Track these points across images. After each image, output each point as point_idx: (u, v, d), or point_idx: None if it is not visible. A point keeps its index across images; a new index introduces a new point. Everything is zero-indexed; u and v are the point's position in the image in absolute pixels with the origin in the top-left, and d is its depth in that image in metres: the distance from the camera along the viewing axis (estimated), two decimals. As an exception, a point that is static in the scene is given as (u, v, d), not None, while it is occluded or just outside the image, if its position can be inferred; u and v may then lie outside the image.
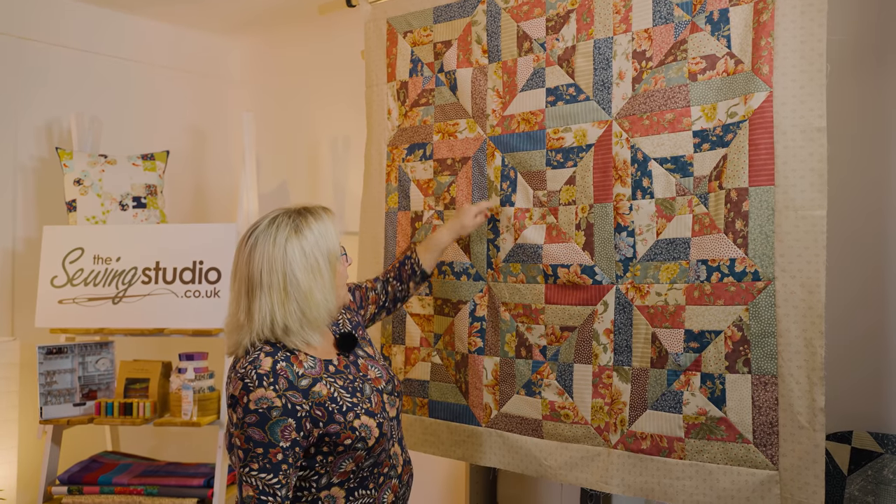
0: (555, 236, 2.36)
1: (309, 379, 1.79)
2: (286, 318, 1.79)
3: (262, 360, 1.76)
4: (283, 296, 1.79)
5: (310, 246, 1.82)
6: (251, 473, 1.69)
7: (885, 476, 2.27)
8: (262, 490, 1.69)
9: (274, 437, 1.69)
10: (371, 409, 1.86)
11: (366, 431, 1.80)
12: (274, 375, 1.74)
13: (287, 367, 1.77)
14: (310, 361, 1.83)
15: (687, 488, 2.13)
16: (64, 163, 3.42)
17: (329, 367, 1.87)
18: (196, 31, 4.30)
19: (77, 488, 3.05)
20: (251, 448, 1.70)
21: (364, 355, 2.02)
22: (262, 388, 1.71)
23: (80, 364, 3.21)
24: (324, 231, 1.86)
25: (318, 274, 1.83)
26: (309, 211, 1.89)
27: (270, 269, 1.79)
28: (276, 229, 1.82)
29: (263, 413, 1.69)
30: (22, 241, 3.64)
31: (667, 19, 2.18)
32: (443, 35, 2.62)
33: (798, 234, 1.96)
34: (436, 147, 2.62)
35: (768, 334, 2.01)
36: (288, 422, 1.70)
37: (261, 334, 1.80)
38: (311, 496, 1.80)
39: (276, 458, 1.69)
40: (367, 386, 1.92)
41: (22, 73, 3.65)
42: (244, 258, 1.83)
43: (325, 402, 1.78)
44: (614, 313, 2.26)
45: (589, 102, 2.30)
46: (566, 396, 2.34)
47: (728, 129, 2.06)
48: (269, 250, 1.80)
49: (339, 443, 1.77)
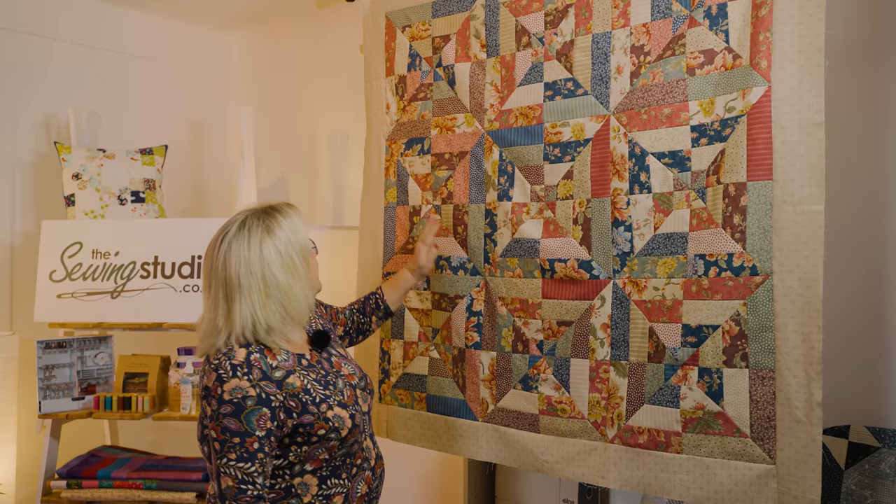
0: (552, 231, 2.36)
1: (283, 371, 1.84)
2: (268, 318, 1.84)
3: (236, 352, 1.80)
4: (263, 297, 1.83)
5: (283, 245, 1.87)
6: (229, 464, 1.73)
7: (881, 470, 2.27)
8: (241, 479, 1.72)
9: (250, 427, 1.73)
10: (344, 401, 1.91)
11: (339, 422, 1.85)
12: (248, 366, 1.78)
13: (261, 358, 1.81)
14: (283, 355, 1.88)
15: (684, 482, 2.13)
16: (62, 157, 3.42)
17: (302, 360, 1.92)
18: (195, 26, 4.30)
19: (76, 482, 3.05)
20: (228, 438, 1.73)
21: (337, 354, 2.07)
22: (236, 378, 1.76)
23: (78, 358, 3.21)
24: (294, 227, 1.92)
25: (295, 270, 1.88)
26: (276, 210, 1.94)
27: (248, 271, 1.83)
28: (249, 232, 1.86)
29: (238, 403, 1.74)
30: (20, 235, 3.64)
31: (665, 14, 2.17)
32: (441, 29, 2.62)
33: (796, 229, 1.96)
34: (434, 141, 2.62)
35: (766, 329, 2.01)
36: (263, 411, 1.75)
37: (241, 338, 1.84)
38: (284, 483, 1.84)
39: (252, 447, 1.73)
40: (340, 380, 1.97)
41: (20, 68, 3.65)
42: (219, 263, 1.86)
43: (299, 394, 1.82)
44: (611, 308, 2.26)
45: (587, 97, 2.30)
46: (563, 391, 2.34)
47: (726, 124, 2.06)
48: (244, 254, 1.84)
49: (313, 433, 1.82)
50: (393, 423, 2.73)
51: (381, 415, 2.77)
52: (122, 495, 3.02)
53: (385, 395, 2.75)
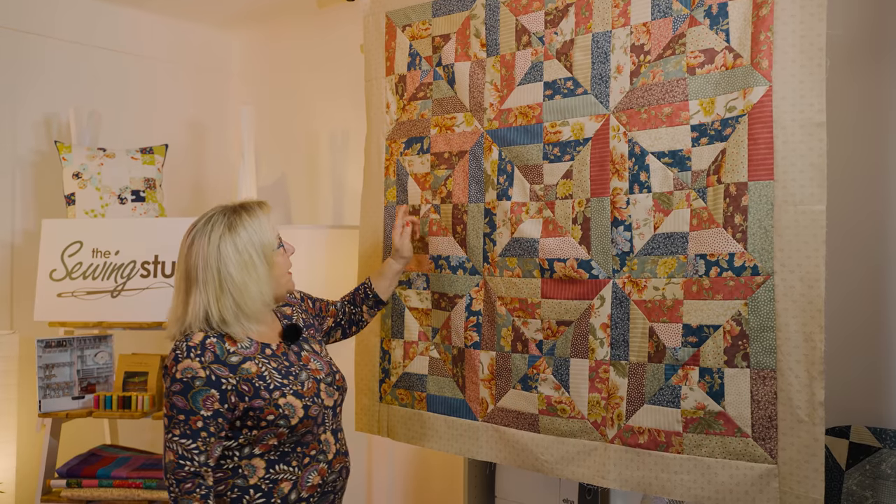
0: (551, 230, 2.35)
1: (240, 357, 1.92)
2: (222, 312, 1.91)
3: (194, 335, 1.90)
4: (217, 291, 1.91)
5: (243, 242, 1.94)
6: (173, 439, 1.83)
7: (882, 471, 2.27)
8: (181, 455, 1.82)
9: (195, 406, 1.82)
10: (301, 391, 1.97)
11: (289, 410, 1.91)
12: (202, 348, 1.87)
13: (217, 343, 1.90)
14: (245, 342, 1.96)
15: (685, 482, 2.13)
16: (63, 156, 3.42)
17: (265, 349, 1.99)
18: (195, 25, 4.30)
19: (76, 481, 3.05)
20: (174, 415, 1.84)
21: (310, 350, 2.13)
22: (188, 359, 1.85)
23: (78, 357, 3.21)
24: (257, 227, 1.98)
25: (252, 268, 1.95)
26: (244, 208, 2.01)
27: (205, 266, 1.91)
28: (211, 228, 1.95)
29: (187, 382, 1.83)
30: (21, 234, 3.64)
31: (665, 13, 2.17)
32: (441, 29, 2.61)
33: (797, 229, 1.96)
34: (433, 141, 2.62)
35: (767, 329, 2.00)
36: (211, 392, 1.84)
37: (193, 327, 1.92)
38: (232, 464, 1.91)
39: (195, 426, 1.82)
40: (304, 373, 2.03)
41: (21, 67, 3.65)
42: (183, 255, 1.97)
43: (253, 379, 1.90)
44: (611, 308, 2.25)
45: (587, 96, 2.29)
46: (562, 391, 2.34)
47: (727, 124, 2.06)
48: (203, 248, 1.93)
49: (263, 418, 1.89)
50: (393, 422, 2.73)
51: (381, 414, 2.77)
52: (121, 494, 3.02)
53: (385, 394, 2.75)
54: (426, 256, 2.63)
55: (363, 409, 2.82)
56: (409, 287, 2.69)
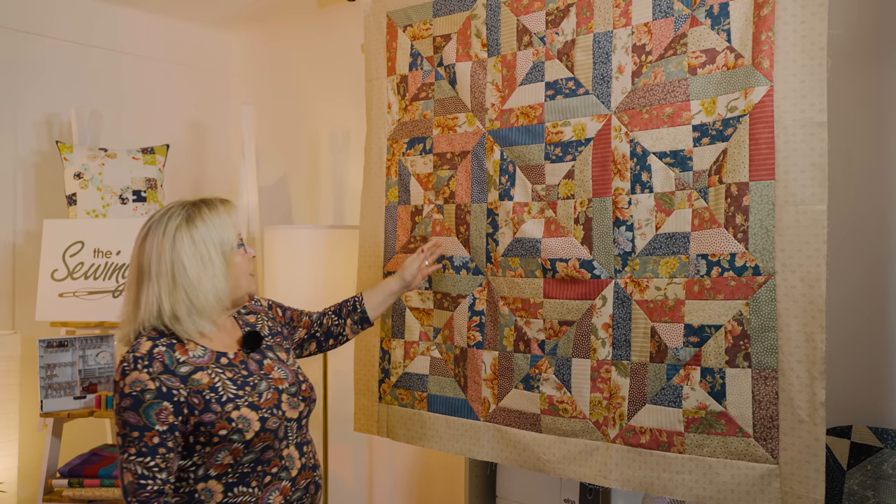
0: (553, 230, 2.36)
1: (190, 366, 1.79)
2: (174, 307, 1.80)
3: (141, 344, 1.77)
4: (170, 284, 1.80)
5: (200, 235, 1.84)
6: (130, 458, 1.70)
7: (884, 471, 2.27)
8: (141, 474, 1.69)
9: (149, 421, 1.70)
10: (257, 402, 1.84)
11: (243, 424, 1.79)
12: (149, 358, 1.74)
13: (166, 351, 1.78)
14: (198, 351, 1.84)
15: (686, 482, 2.13)
16: (64, 156, 3.42)
17: (221, 359, 1.87)
18: (196, 25, 4.30)
19: (77, 481, 3.06)
20: (128, 433, 1.71)
21: (274, 358, 2.01)
22: (136, 371, 1.73)
23: (80, 357, 3.21)
24: (217, 222, 1.88)
25: (209, 263, 1.84)
26: (205, 202, 1.91)
27: (159, 258, 1.81)
28: (168, 219, 1.85)
29: (137, 396, 1.71)
30: (22, 234, 3.64)
31: (667, 13, 2.17)
32: (442, 29, 2.61)
33: (799, 229, 1.96)
34: (435, 141, 2.62)
35: (768, 329, 2.00)
36: (163, 405, 1.72)
37: (146, 323, 1.81)
38: (188, 487, 1.79)
39: (152, 442, 1.70)
40: (265, 382, 1.91)
41: (22, 67, 3.65)
42: (136, 248, 1.86)
43: (204, 391, 1.78)
44: (613, 308, 2.26)
45: (588, 96, 2.30)
46: (564, 391, 2.34)
47: (728, 124, 2.06)
48: (158, 239, 1.82)
49: (214, 433, 1.76)
50: (393, 422, 2.73)
51: (380, 414, 2.77)
52: (123, 494, 3.02)
53: (385, 394, 2.75)
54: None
55: (362, 410, 2.82)
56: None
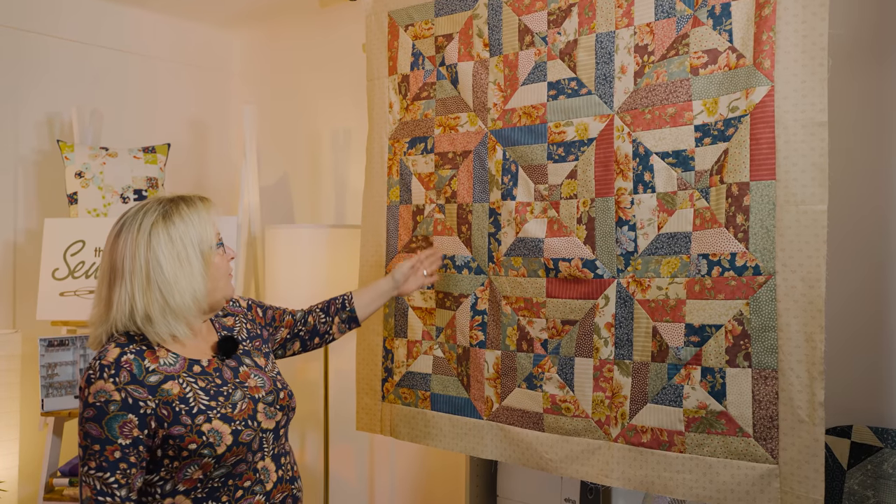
0: (556, 230, 2.36)
1: (160, 375, 1.69)
2: (147, 307, 1.69)
3: (108, 351, 1.67)
4: (144, 283, 1.69)
5: (178, 233, 1.74)
6: (89, 472, 1.61)
7: (884, 470, 2.27)
8: (99, 490, 1.60)
9: (111, 434, 1.61)
10: (230, 414, 1.75)
11: (215, 437, 1.69)
12: (116, 367, 1.64)
13: (135, 360, 1.68)
14: (170, 358, 1.74)
15: (687, 482, 2.13)
16: (65, 155, 3.42)
17: (194, 367, 1.78)
18: (197, 24, 4.30)
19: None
20: (89, 445, 1.62)
21: (251, 364, 1.92)
22: (101, 380, 1.63)
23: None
24: (195, 219, 1.78)
25: (186, 262, 1.74)
26: (183, 199, 1.81)
27: (133, 255, 1.70)
28: (144, 215, 1.74)
29: (101, 407, 1.61)
30: (23, 233, 3.65)
31: (669, 13, 2.17)
32: (444, 28, 2.61)
33: (799, 229, 1.96)
34: (437, 140, 2.62)
35: (769, 328, 2.01)
36: (128, 417, 1.62)
37: (118, 324, 1.71)
38: (154, 503, 1.70)
39: (113, 456, 1.61)
40: (239, 392, 1.81)
41: (23, 66, 3.66)
42: (108, 246, 1.76)
43: (173, 402, 1.68)
44: (615, 307, 2.26)
45: (590, 96, 2.30)
46: (567, 390, 2.35)
47: (729, 124, 2.06)
48: (133, 236, 1.71)
49: (184, 447, 1.67)
50: (396, 421, 2.73)
51: (384, 413, 2.77)
52: (124, 493, 3.02)
53: (388, 393, 2.75)
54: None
55: (364, 409, 2.83)
56: None
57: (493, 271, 2.50)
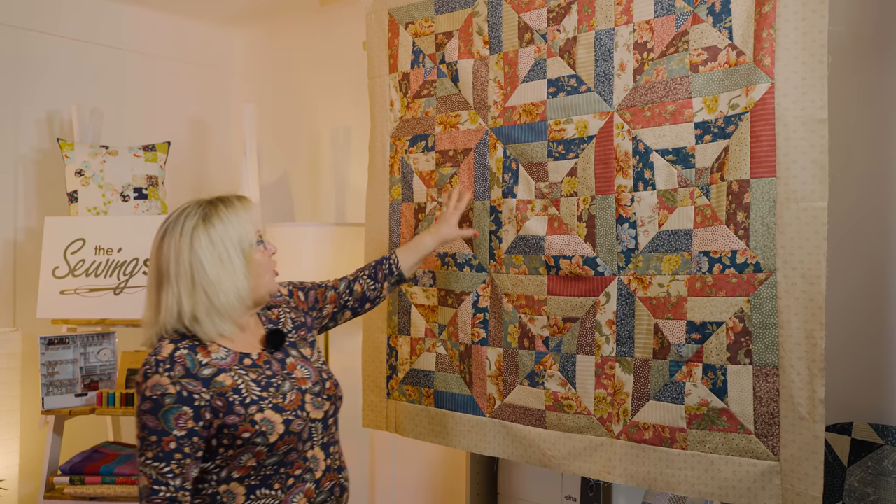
0: (557, 227, 2.36)
1: (213, 369, 1.77)
2: (194, 308, 1.77)
3: (163, 348, 1.75)
4: (189, 285, 1.77)
5: (218, 235, 1.80)
6: (146, 462, 1.68)
7: (885, 467, 2.27)
8: (155, 479, 1.67)
9: (167, 425, 1.68)
10: (281, 404, 1.81)
11: (267, 426, 1.76)
12: (171, 362, 1.72)
13: (188, 354, 1.75)
14: (221, 352, 1.81)
15: (688, 478, 2.13)
16: (65, 154, 3.42)
17: (244, 360, 1.85)
18: (197, 22, 4.30)
19: (79, 478, 3.06)
20: (146, 436, 1.69)
21: (297, 356, 1.98)
22: (157, 374, 1.70)
23: (81, 355, 3.22)
24: (234, 220, 1.84)
25: (228, 262, 1.80)
26: (221, 200, 1.87)
27: (177, 259, 1.78)
28: (185, 219, 1.81)
29: (157, 400, 1.68)
30: (23, 231, 3.65)
31: (668, 10, 2.17)
32: (444, 26, 2.61)
33: (799, 226, 1.96)
34: (438, 138, 2.62)
35: (769, 325, 2.01)
36: (183, 409, 1.69)
37: (168, 326, 1.79)
38: (210, 489, 1.77)
39: (168, 447, 1.67)
40: (288, 383, 1.88)
41: (23, 64, 3.65)
42: (154, 250, 1.83)
43: (227, 393, 1.75)
44: (616, 304, 2.26)
45: (590, 94, 2.30)
46: (569, 387, 2.35)
47: (730, 121, 2.06)
48: (176, 240, 1.79)
49: (238, 436, 1.74)
50: (401, 418, 2.74)
51: (389, 410, 2.78)
52: (124, 491, 3.02)
53: (393, 390, 2.76)
54: (433, 254, 2.63)
55: (370, 406, 2.83)
56: (415, 284, 2.70)
57: (495, 269, 2.50)
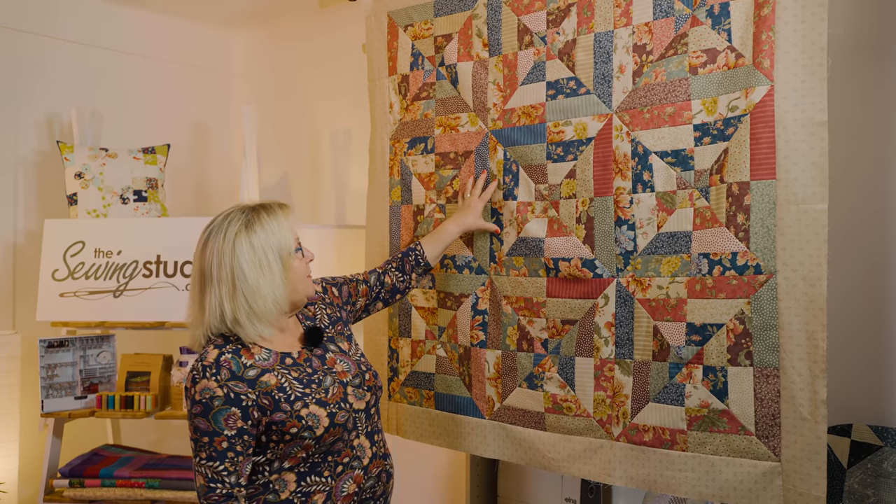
0: (556, 230, 2.36)
1: (257, 370, 1.85)
2: (235, 312, 1.85)
3: (209, 353, 1.84)
4: (231, 289, 1.85)
5: (259, 241, 1.88)
6: (200, 463, 1.78)
7: (884, 469, 2.28)
8: (211, 478, 1.77)
9: (218, 426, 1.77)
10: (325, 399, 1.90)
11: (313, 421, 1.85)
12: (217, 367, 1.81)
13: (232, 358, 1.84)
14: (263, 354, 1.89)
15: (689, 480, 2.13)
16: (65, 156, 3.42)
17: (286, 359, 1.93)
18: (197, 24, 4.31)
19: (78, 481, 3.06)
20: (198, 437, 1.78)
21: (336, 350, 2.06)
22: (205, 378, 1.80)
23: (81, 357, 3.22)
24: (275, 227, 1.91)
25: (267, 269, 1.88)
26: (263, 207, 1.95)
27: (220, 263, 1.85)
28: (228, 225, 1.89)
29: (206, 403, 1.78)
30: (23, 234, 3.65)
31: (667, 13, 2.17)
32: (443, 28, 2.62)
33: (799, 228, 1.96)
34: (437, 141, 2.62)
35: (770, 327, 2.01)
36: (231, 410, 1.78)
37: (212, 327, 1.87)
38: (263, 479, 1.87)
39: (221, 447, 1.77)
40: (329, 378, 1.96)
41: (23, 67, 3.66)
42: (198, 253, 1.91)
43: (273, 391, 1.84)
44: (615, 306, 2.26)
45: (589, 96, 2.30)
46: (568, 389, 2.35)
47: (729, 123, 2.06)
48: (219, 245, 1.87)
49: (286, 431, 1.83)
50: (402, 420, 2.74)
51: (390, 412, 2.78)
52: (124, 494, 3.02)
53: (394, 392, 2.76)
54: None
55: (372, 408, 2.83)
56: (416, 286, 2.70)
57: (495, 271, 2.50)
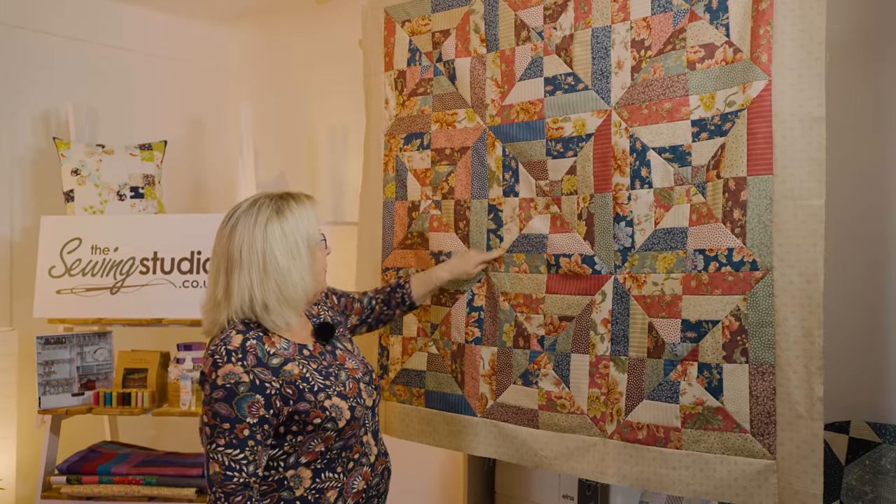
0: (559, 226, 2.35)
1: (280, 358, 1.83)
2: (265, 296, 1.83)
3: (232, 338, 1.80)
4: (262, 274, 1.83)
5: (290, 228, 1.87)
6: (217, 449, 1.72)
7: (882, 466, 2.27)
8: (228, 466, 1.71)
9: (241, 413, 1.72)
10: (345, 392, 1.89)
11: (336, 412, 1.83)
12: (243, 351, 1.77)
13: (257, 345, 1.80)
14: (283, 343, 1.87)
15: (683, 478, 2.13)
16: (61, 153, 3.42)
17: (303, 350, 1.91)
18: (194, 21, 4.30)
19: (76, 478, 3.06)
20: (218, 423, 1.72)
21: (343, 348, 2.06)
22: (230, 363, 1.75)
23: (78, 354, 3.21)
24: (304, 215, 1.92)
25: (297, 255, 1.87)
26: (291, 196, 1.95)
27: (251, 247, 1.83)
28: (258, 210, 1.87)
29: (231, 388, 1.72)
30: (20, 231, 3.64)
31: (665, 8, 2.16)
32: (441, 24, 2.61)
33: (796, 224, 1.95)
34: (434, 137, 2.61)
35: (766, 324, 2.00)
36: (256, 398, 1.73)
37: (239, 312, 1.84)
38: (277, 475, 1.82)
39: (242, 434, 1.71)
40: (343, 373, 1.96)
41: (19, 63, 3.65)
42: (224, 238, 1.89)
43: (297, 381, 1.81)
44: (612, 303, 2.25)
45: (587, 92, 2.29)
46: (563, 386, 2.34)
47: (726, 118, 2.06)
48: (249, 230, 1.85)
49: (309, 422, 1.80)
50: (391, 418, 2.73)
51: (379, 411, 2.76)
52: (121, 491, 3.02)
53: (384, 390, 2.75)
54: (426, 252, 2.62)
55: (362, 406, 2.82)
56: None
57: (493, 267, 2.49)
